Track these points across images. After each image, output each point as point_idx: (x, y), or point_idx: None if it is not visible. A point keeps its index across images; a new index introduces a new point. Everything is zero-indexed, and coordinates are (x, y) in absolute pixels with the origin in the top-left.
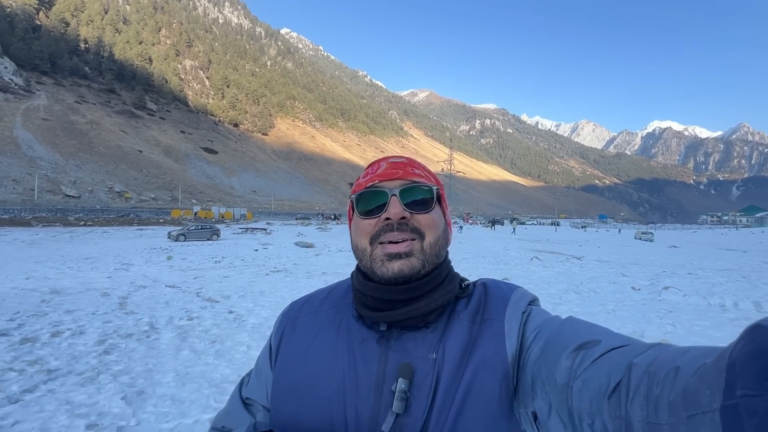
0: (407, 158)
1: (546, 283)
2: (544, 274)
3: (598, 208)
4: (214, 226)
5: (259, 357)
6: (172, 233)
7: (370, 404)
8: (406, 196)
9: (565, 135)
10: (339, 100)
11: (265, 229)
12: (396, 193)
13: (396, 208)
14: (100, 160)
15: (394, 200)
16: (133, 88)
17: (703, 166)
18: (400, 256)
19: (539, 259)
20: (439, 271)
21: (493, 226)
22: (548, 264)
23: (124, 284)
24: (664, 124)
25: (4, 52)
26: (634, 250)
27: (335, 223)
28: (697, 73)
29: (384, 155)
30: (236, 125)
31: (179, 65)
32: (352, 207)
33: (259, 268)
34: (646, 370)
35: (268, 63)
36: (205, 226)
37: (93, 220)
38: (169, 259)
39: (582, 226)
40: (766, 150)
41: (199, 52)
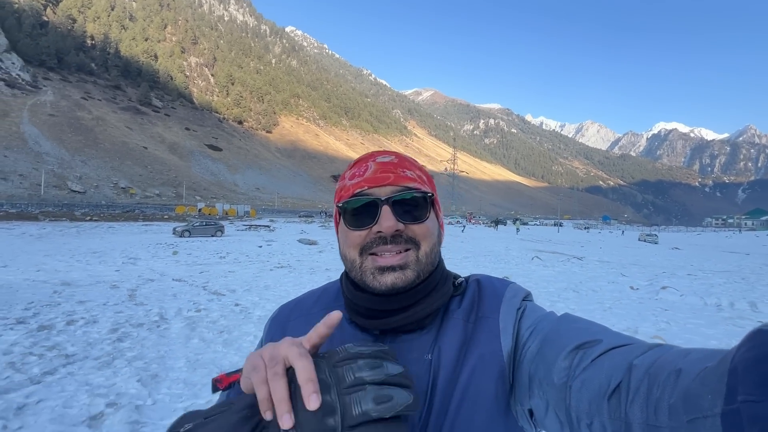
0: (396, 156)
1: (546, 282)
2: (544, 273)
3: (601, 210)
4: (219, 223)
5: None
6: (177, 229)
7: None
8: (399, 206)
9: (570, 136)
10: (343, 98)
11: (269, 227)
12: (388, 202)
13: (389, 221)
14: (106, 156)
15: (386, 211)
16: (139, 85)
17: (709, 169)
18: (393, 269)
19: (540, 258)
20: (433, 276)
21: (496, 226)
22: (549, 263)
23: (132, 277)
24: (670, 126)
25: (12, 47)
26: (636, 251)
27: None
28: (704, 75)
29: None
30: (240, 123)
31: (184, 62)
32: (339, 213)
33: (263, 263)
34: (647, 372)
35: (273, 61)
36: (210, 223)
37: (99, 216)
38: (174, 254)
39: (585, 227)
40: None
41: (205, 49)
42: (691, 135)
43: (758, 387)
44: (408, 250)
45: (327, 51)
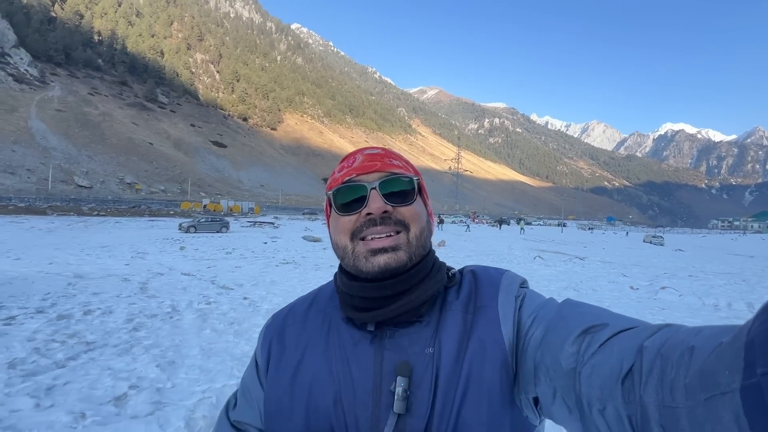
0: (383, 149)
1: (546, 281)
2: (545, 272)
3: (606, 210)
4: (224, 219)
5: (244, 376)
6: (183, 225)
7: (369, 408)
8: (387, 189)
9: (575, 135)
10: (348, 96)
11: (273, 223)
12: (376, 186)
13: (377, 203)
14: (112, 152)
15: (375, 194)
16: (145, 81)
17: (716, 170)
18: (385, 250)
19: (542, 258)
20: (425, 262)
21: (499, 226)
22: (551, 263)
23: (142, 271)
24: (677, 127)
25: (20, 43)
26: (639, 252)
27: None
28: (712, 75)
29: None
30: (245, 119)
31: (190, 59)
32: (330, 203)
33: (268, 259)
34: (659, 353)
35: (278, 58)
36: (215, 219)
37: (106, 211)
38: (182, 249)
39: (589, 228)
40: None
41: (210, 46)
42: (699, 136)
43: None
44: (399, 233)
45: (332, 48)
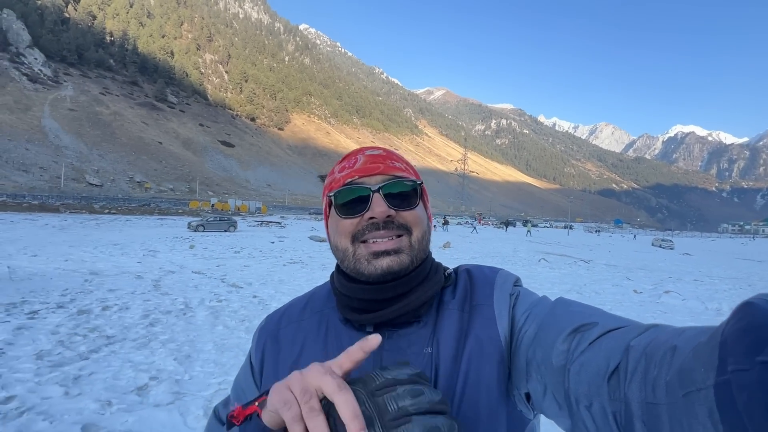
0: (385, 150)
1: (550, 283)
2: (549, 275)
3: (614, 213)
4: (231, 219)
5: (238, 378)
6: (191, 224)
7: None
8: (390, 193)
9: (583, 137)
10: (355, 96)
11: (280, 223)
12: (378, 189)
13: (381, 207)
14: (122, 151)
15: (378, 198)
16: (155, 81)
17: (727, 173)
18: (388, 253)
19: (547, 260)
20: (425, 264)
21: (506, 228)
22: (555, 266)
23: (154, 269)
24: (687, 129)
25: (35, 43)
26: (645, 256)
27: None
28: (724, 77)
29: (398, 151)
30: (253, 119)
31: (200, 59)
32: (329, 204)
33: (276, 259)
34: (644, 352)
35: (286, 58)
36: (223, 218)
37: (116, 209)
38: (191, 248)
39: (596, 231)
40: None
41: (219, 46)
42: (709, 138)
43: (746, 356)
44: (401, 236)
45: (340, 49)
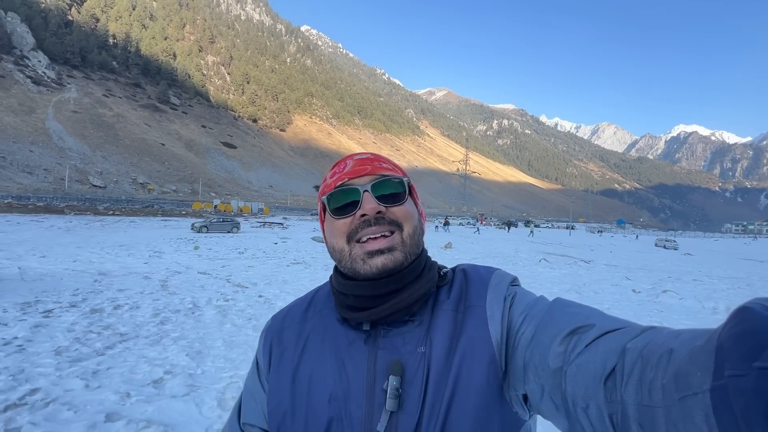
0: (372, 154)
1: (550, 283)
2: (550, 275)
3: (616, 213)
4: (235, 220)
5: (247, 378)
6: (195, 225)
7: (363, 406)
8: (378, 191)
9: (585, 137)
10: (356, 97)
11: (282, 224)
12: (368, 188)
13: (370, 203)
14: (125, 152)
15: (367, 196)
16: (158, 83)
17: (730, 173)
18: (382, 251)
19: (547, 261)
20: (418, 261)
21: (507, 228)
22: (556, 266)
23: (161, 269)
24: (690, 129)
25: (39, 46)
26: (646, 256)
27: None
28: (727, 77)
29: (399, 152)
30: (255, 121)
31: (202, 61)
32: (324, 208)
33: (279, 259)
34: (640, 354)
35: (288, 60)
36: (226, 219)
37: (120, 210)
38: (196, 248)
39: (598, 231)
40: None
41: (221, 48)
42: (712, 138)
43: (743, 361)
44: (393, 233)
45: (341, 50)
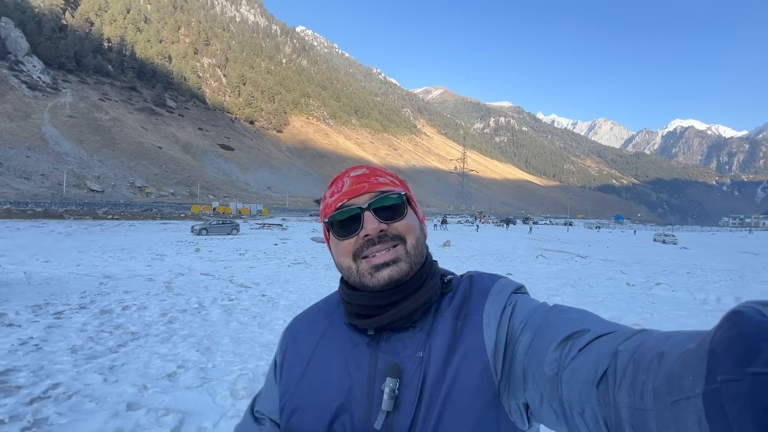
0: (368, 168)
1: (546, 278)
2: (547, 270)
3: (614, 209)
4: (234, 222)
5: (267, 373)
6: (194, 227)
7: (363, 404)
8: (378, 208)
9: (582, 134)
10: (353, 97)
11: (281, 225)
12: (369, 208)
13: (372, 224)
14: (122, 156)
15: (368, 215)
16: (154, 86)
17: (727, 167)
18: (387, 264)
19: (545, 257)
20: (422, 271)
21: (506, 226)
22: (552, 262)
23: (164, 272)
24: (686, 123)
25: (33, 51)
26: (643, 251)
27: None
28: (723, 70)
29: (397, 151)
30: (252, 122)
31: (197, 63)
32: (328, 229)
33: (280, 260)
34: (632, 357)
35: (284, 61)
36: (226, 221)
37: (119, 214)
38: (197, 251)
39: (596, 227)
40: None
41: (217, 50)
42: (708, 132)
43: (736, 366)
44: (396, 246)
45: (337, 50)
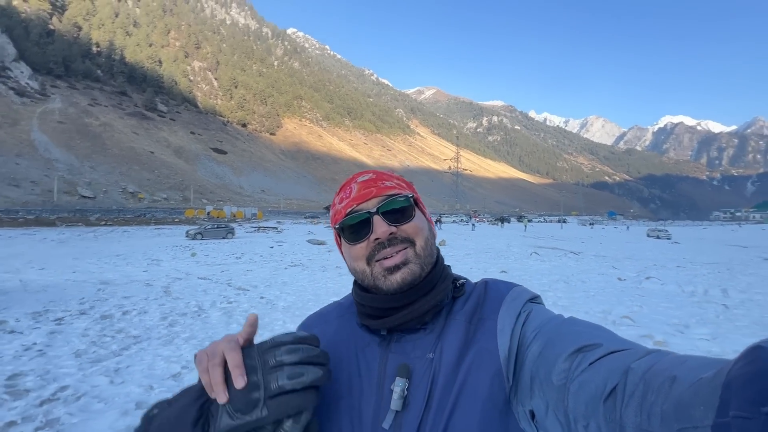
0: (374, 173)
1: (540, 275)
2: (540, 267)
3: (607, 205)
4: (229, 225)
5: None
6: (189, 232)
7: (372, 404)
8: (387, 212)
9: (574, 131)
10: (346, 99)
11: (276, 228)
12: (378, 212)
13: (382, 227)
14: (114, 162)
15: (378, 219)
16: (144, 90)
17: (717, 162)
18: (398, 267)
19: (538, 254)
20: (434, 273)
21: (501, 224)
22: (546, 258)
23: (161, 277)
24: (676, 119)
25: (20, 56)
26: (635, 246)
27: None
28: (711, 66)
29: (391, 152)
30: (244, 125)
31: (188, 67)
32: (339, 235)
33: (277, 263)
34: (643, 377)
35: (275, 63)
36: (221, 225)
37: (112, 220)
38: (193, 255)
39: (590, 224)
40: None
41: (208, 53)
42: (698, 128)
43: (751, 404)
44: (406, 248)
45: (329, 52)
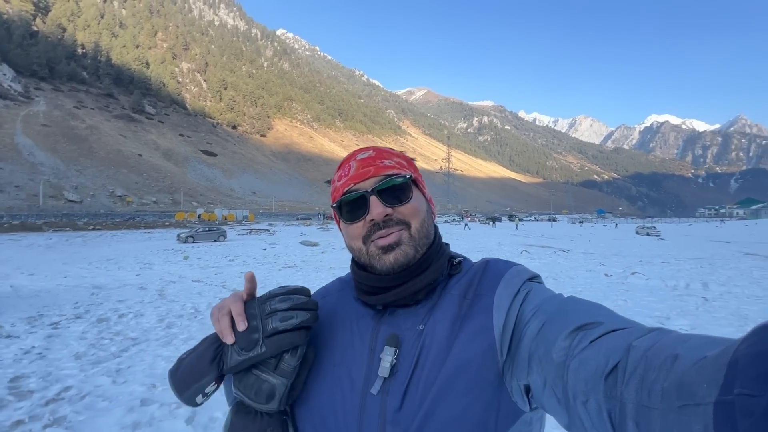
0: (374, 149)
1: None
2: (530, 264)
3: (597, 203)
4: (221, 228)
5: None
6: (181, 235)
7: (362, 371)
8: (384, 192)
9: (563, 131)
10: (336, 100)
11: (269, 230)
12: (374, 192)
13: (378, 208)
14: (101, 165)
15: (374, 200)
16: (131, 92)
17: (702, 160)
18: (392, 247)
19: (529, 252)
20: (429, 252)
21: (493, 223)
22: (536, 256)
23: (155, 280)
24: (662, 118)
25: (3, 58)
26: (622, 243)
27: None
28: (695, 64)
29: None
30: (234, 127)
31: (176, 68)
32: (337, 213)
33: (271, 265)
34: (644, 354)
35: (265, 64)
36: (212, 228)
37: (101, 224)
38: (185, 258)
39: (579, 222)
40: (764, 142)
41: (196, 54)
42: (683, 127)
43: (757, 382)
44: (401, 230)
45: (319, 53)
